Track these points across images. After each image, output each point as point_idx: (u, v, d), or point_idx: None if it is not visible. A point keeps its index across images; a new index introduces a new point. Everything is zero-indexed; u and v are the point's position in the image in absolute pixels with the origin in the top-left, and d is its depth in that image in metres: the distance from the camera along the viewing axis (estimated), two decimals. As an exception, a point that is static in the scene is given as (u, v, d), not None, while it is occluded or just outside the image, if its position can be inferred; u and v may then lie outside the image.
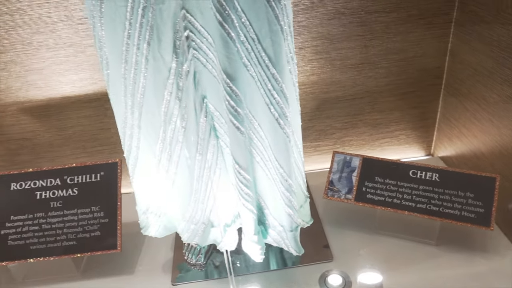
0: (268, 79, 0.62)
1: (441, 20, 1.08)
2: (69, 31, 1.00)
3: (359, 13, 1.05)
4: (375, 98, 1.18)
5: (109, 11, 0.59)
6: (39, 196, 0.92)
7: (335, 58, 1.11)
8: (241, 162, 0.67)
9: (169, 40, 0.60)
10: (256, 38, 0.59)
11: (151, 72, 0.63)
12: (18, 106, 1.09)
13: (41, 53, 1.02)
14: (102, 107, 1.12)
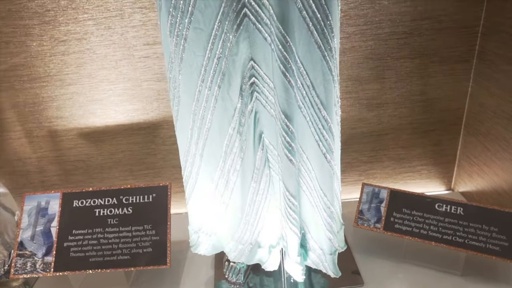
0: (319, 119, 0.72)
1: (461, 67, 1.18)
2: (129, 67, 1.13)
3: (385, 58, 1.16)
4: (399, 135, 1.28)
5: (188, 59, 0.71)
6: (98, 213, 1.01)
7: (363, 98, 1.21)
8: (291, 190, 0.76)
9: (237, 84, 0.71)
10: (311, 85, 0.70)
11: (219, 110, 0.73)
12: (78, 131, 1.20)
13: (103, 86, 1.15)
14: (150, 135, 1.23)
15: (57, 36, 1.08)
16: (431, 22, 1.11)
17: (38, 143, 1.22)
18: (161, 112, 1.19)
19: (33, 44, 1.09)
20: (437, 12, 1.10)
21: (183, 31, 0.69)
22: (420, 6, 1.09)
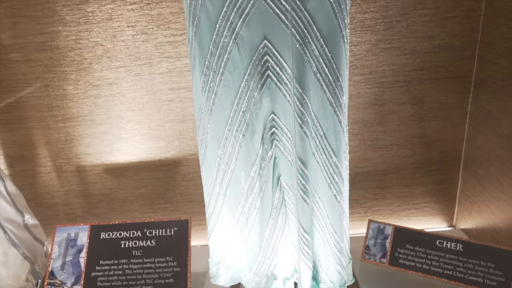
0: (330, 165, 0.83)
1: (457, 112, 1.29)
2: (154, 110, 1.25)
3: (388, 104, 1.28)
4: (402, 174, 1.38)
5: (217, 111, 0.82)
6: (123, 245, 1.11)
7: (368, 139, 1.32)
8: (305, 227, 0.85)
9: (259, 134, 0.82)
10: (324, 136, 0.81)
11: (242, 155, 0.84)
12: (104, 167, 1.31)
13: (129, 126, 1.27)
14: (170, 171, 1.33)
15: (91, 81, 1.21)
16: (429, 72, 1.24)
17: (67, 177, 1.33)
18: (181, 150, 1.30)
19: (69, 88, 1.22)
20: (434, 63, 1.23)
21: (214, 88, 0.81)
22: (418, 58, 1.22)
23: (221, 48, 0.77)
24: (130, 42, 1.17)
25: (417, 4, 1.16)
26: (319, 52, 0.75)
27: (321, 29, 0.74)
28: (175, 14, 1.15)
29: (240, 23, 0.75)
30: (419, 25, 1.18)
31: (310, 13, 0.73)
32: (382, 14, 1.16)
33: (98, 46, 1.17)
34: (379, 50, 1.20)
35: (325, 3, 0.73)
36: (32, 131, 1.27)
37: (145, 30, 1.16)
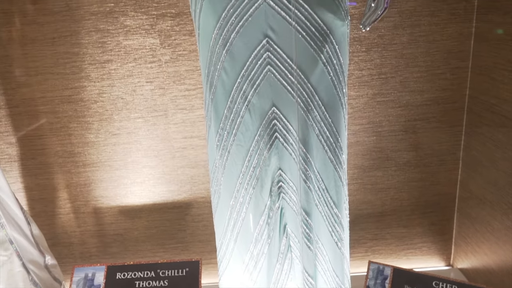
0: (331, 215, 0.93)
1: (450, 158, 1.40)
2: (168, 156, 1.36)
3: (385, 151, 1.39)
4: (400, 216, 1.47)
5: (230, 166, 0.94)
6: (138, 285, 1.19)
7: (367, 183, 1.43)
8: (309, 271, 0.95)
9: (267, 187, 0.93)
10: (325, 189, 0.91)
11: (252, 206, 0.95)
12: (119, 209, 1.41)
13: (144, 171, 1.38)
14: (182, 213, 1.43)
15: (111, 130, 1.33)
16: (422, 122, 1.35)
17: (84, 218, 1.43)
18: (192, 193, 1.40)
19: (90, 136, 1.34)
20: (427, 115, 1.35)
21: (228, 146, 0.92)
22: (412, 110, 1.34)
23: (234, 113, 0.89)
24: (148, 96, 1.30)
25: (409, 62, 1.29)
26: (320, 117, 0.87)
27: (323, 98, 0.86)
28: (189, 71, 1.28)
29: (252, 92, 0.87)
30: (412, 81, 1.31)
31: (313, 85, 0.85)
32: (377, 71, 1.29)
33: (119, 99, 1.30)
34: (376, 103, 1.33)
35: (326, 76, 0.85)
36: (54, 175, 1.38)
37: (162, 85, 1.29)
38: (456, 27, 1.25)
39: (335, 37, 0.83)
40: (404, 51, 1.28)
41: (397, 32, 1.26)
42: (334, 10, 0.82)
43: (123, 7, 1.23)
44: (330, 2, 0.81)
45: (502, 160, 1.17)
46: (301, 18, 0.81)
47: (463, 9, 1.24)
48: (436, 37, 1.26)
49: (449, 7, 1.24)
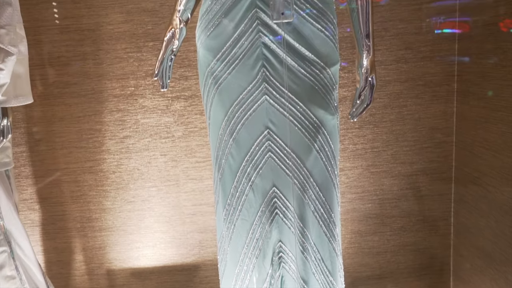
0: (327, 283, 1.04)
1: (442, 224, 1.52)
2: (178, 222, 1.49)
3: (381, 217, 1.51)
4: (397, 278, 1.56)
5: (235, 238, 1.06)
6: None
7: (365, 247, 1.53)
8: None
9: (269, 257, 1.05)
10: (321, 260, 1.03)
11: (256, 274, 1.06)
12: (131, 271, 1.52)
13: (156, 235, 1.50)
14: (190, 275, 1.53)
15: (126, 198, 1.47)
16: (413, 191, 1.48)
17: (97, 280, 1.53)
18: (200, 256, 1.52)
19: (107, 203, 1.48)
20: (417, 184, 1.48)
21: (234, 220, 1.05)
22: (403, 180, 1.48)
23: (240, 192, 1.03)
24: (162, 167, 1.45)
25: (399, 137, 1.44)
26: (315, 196, 1.01)
27: (317, 180, 1.00)
28: (200, 146, 1.44)
29: (255, 174, 1.01)
30: (402, 154, 1.45)
31: (308, 169, 1.00)
32: (370, 145, 1.45)
33: (135, 170, 1.46)
34: (370, 173, 1.47)
35: (319, 162, 1.00)
36: (71, 239, 1.51)
37: (175, 158, 1.45)
38: (439, 107, 1.42)
39: (326, 129, 0.99)
40: (393, 127, 1.44)
41: (387, 111, 1.42)
42: (325, 106, 0.98)
43: (142, 91, 1.42)
44: (321, 100, 0.98)
45: (487, 228, 1.29)
46: (297, 114, 0.97)
47: (445, 91, 1.41)
48: (421, 115, 1.43)
49: (432, 90, 1.41)
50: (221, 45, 0.97)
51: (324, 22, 0.95)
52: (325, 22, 0.95)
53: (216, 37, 0.97)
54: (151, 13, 1.40)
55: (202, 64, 1.02)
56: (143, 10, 1.40)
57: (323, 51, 0.96)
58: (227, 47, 0.96)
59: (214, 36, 0.97)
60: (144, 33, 1.40)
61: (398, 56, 1.40)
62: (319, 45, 0.95)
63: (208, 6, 0.97)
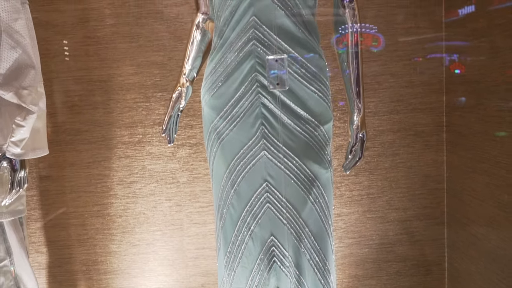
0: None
1: (436, 269, 1.57)
2: (182, 265, 1.55)
3: (377, 262, 1.56)
4: (396, 323, 1.59)
5: (236, 284, 1.12)
6: None
7: (363, 291, 1.58)
8: None
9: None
10: (317, 307, 1.09)
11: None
12: (133, 314, 1.57)
13: (160, 278, 1.55)
14: (191, 318, 1.57)
15: (132, 241, 1.54)
16: (408, 236, 1.55)
17: (100, 322, 1.58)
18: (201, 300, 1.56)
19: (113, 247, 1.54)
20: (411, 229, 1.54)
21: (234, 267, 1.11)
22: (398, 225, 1.54)
23: (240, 240, 1.10)
24: (167, 212, 1.53)
25: (393, 183, 1.52)
26: (310, 245, 1.08)
27: (312, 230, 1.07)
28: (203, 191, 1.52)
29: (254, 224, 1.09)
30: (396, 200, 1.53)
31: (303, 219, 1.07)
32: (366, 192, 1.52)
33: (141, 215, 1.53)
34: (366, 219, 1.53)
35: (314, 213, 1.07)
36: (77, 282, 1.56)
37: (179, 202, 1.53)
38: (431, 155, 1.50)
39: (320, 182, 1.07)
40: (387, 175, 1.52)
41: (381, 159, 1.51)
42: (319, 161, 1.07)
43: (149, 138, 1.52)
44: (315, 155, 1.07)
45: (477, 274, 1.34)
46: (293, 168, 1.06)
47: (435, 141, 1.50)
48: (413, 163, 1.51)
49: (423, 139, 1.50)
50: (224, 104, 1.07)
51: (317, 84, 1.05)
52: (318, 84, 1.06)
53: (219, 97, 1.07)
54: (159, 66, 1.51)
55: (207, 121, 1.11)
56: (152, 63, 1.51)
57: (317, 110, 1.06)
58: (229, 106, 1.06)
59: (217, 96, 1.07)
60: (152, 84, 1.52)
61: (390, 107, 1.50)
62: (313, 105, 1.05)
63: (213, 69, 1.08)
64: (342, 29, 1.13)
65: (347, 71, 1.12)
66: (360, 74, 1.11)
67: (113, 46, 1.50)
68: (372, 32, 1.50)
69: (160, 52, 1.50)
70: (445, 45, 1.47)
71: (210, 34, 1.20)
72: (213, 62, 1.08)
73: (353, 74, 1.10)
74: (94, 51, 1.50)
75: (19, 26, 1.01)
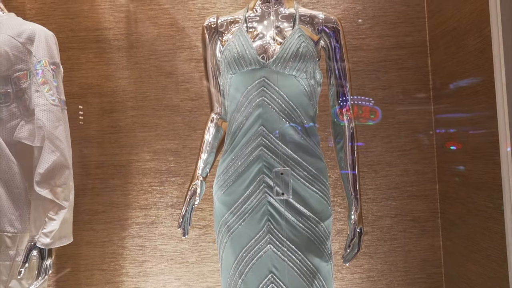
0: None
1: None
2: None
3: None
4: None
5: None
6: None
7: None
8: None
9: None
10: None
11: None
12: None
13: None
14: None
15: (140, 320, 1.61)
16: None
17: None
18: None
19: (122, 325, 1.61)
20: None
21: None
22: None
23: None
24: (175, 292, 1.61)
25: (392, 267, 1.61)
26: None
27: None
28: (211, 272, 1.61)
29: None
30: (396, 284, 1.60)
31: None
32: (366, 275, 1.61)
33: (151, 294, 1.62)
34: None
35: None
36: None
37: (188, 282, 1.61)
38: (427, 240, 1.60)
39: (321, 274, 1.17)
40: (386, 258, 1.61)
41: (380, 244, 1.61)
42: (320, 255, 1.18)
43: (162, 219, 1.64)
44: (316, 249, 1.18)
45: None
46: (296, 261, 1.16)
47: (431, 226, 1.61)
48: (411, 248, 1.61)
49: (420, 225, 1.61)
50: (234, 201, 1.20)
51: (317, 185, 1.19)
52: (319, 185, 1.19)
53: (229, 194, 1.21)
54: (174, 153, 1.67)
55: (218, 215, 1.24)
56: (167, 150, 1.67)
57: (317, 208, 1.18)
58: (239, 203, 1.19)
59: (228, 193, 1.21)
60: (167, 169, 1.66)
61: (387, 194, 1.62)
62: (314, 203, 1.18)
63: (225, 168, 1.23)
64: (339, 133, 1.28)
65: (344, 171, 1.26)
66: (357, 177, 1.24)
67: (133, 134, 1.67)
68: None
69: (175, 141, 1.67)
70: (436, 136, 1.63)
71: (223, 130, 1.36)
72: (224, 163, 1.23)
73: (351, 175, 1.24)
74: (116, 139, 1.67)
75: (59, 132, 1.18)
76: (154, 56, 1.67)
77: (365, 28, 1.64)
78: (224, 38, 1.27)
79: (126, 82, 1.67)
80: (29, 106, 1.21)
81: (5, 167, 1.20)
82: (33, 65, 1.21)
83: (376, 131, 1.64)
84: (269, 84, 1.17)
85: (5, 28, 1.21)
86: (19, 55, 1.20)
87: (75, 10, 1.67)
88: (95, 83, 1.67)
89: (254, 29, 1.23)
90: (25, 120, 1.22)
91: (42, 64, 1.21)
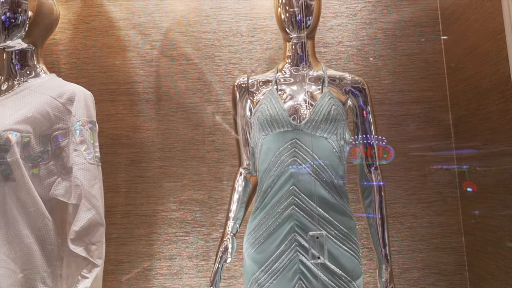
0: None
1: None
2: None
3: None
4: None
5: None
6: None
7: None
8: None
9: None
10: None
11: None
12: None
13: None
14: None
15: None
16: None
17: None
18: None
19: None
20: None
21: None
22: None
23: None
24: None
25: (420, 322, 1.58)
26: None
27: None
28: (235, 325, 1.60)
29: None
30: None
31: None
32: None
33: None
34: None
35: None
36: None
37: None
38: (455, 296, 1.59)
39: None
40: (413, 313, 1.58)
41: (406, 297, 1.59)
42: None
43: (187, 270, 1.64)
44: None
45: None
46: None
47: (459, 280, 1.59)
48: (439, 303, 1.58)
49: (446, 278, 1.59)
50: (265, 259, 1.21)
51: (348, 243, 1.20)
52: (350, 243, 1.20)
53: (261, 252, 1.22)
54: (200, 203, 1.69)
55: (248, 272, 1.25)
56: (193, 200, 1.69)
57: (349, 267, 1.19)
58: (270, 262, 1.20)
59: (259, 251, 1.22)
60: (192, 220, 1.68)
61: (413, 246, 1.62)
62: (345, 262, 1.19)
63: (256, 226, 1.24)
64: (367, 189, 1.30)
65: (373, 228, 1.27)
66: (386, 238, 1.25)
67: (160, 184, 1.70)
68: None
69: (201, 191, 1.69)
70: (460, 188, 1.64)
71: (251, 184, 1.38)
72: (255, 221, 1.25)
73: (380, 233, 1.25)
74: (142, 189, 1.70)
75: (95, 190, 1.22)
76: (182, 108, 1.73)
77: (387, 83, 1.69)
78: (255, 98, 1.32)
79: (154, 134, 1.72)
80: (67, 164, 1.25)
81: (40, 225, 1.22)
82: (72, 125, 1.26)
83: (400, 182, 1.65)
84: (300, 145, 1.20)
85: (47, 90, 1.27)
86: (59, 115, 1.25)
87: (107, 64, 1.75)
88: (124, 134, 1.72)
89: (284, 91, 1.28)
90: (62, 177, 1.26)
91: (81, 124, 1.26)
